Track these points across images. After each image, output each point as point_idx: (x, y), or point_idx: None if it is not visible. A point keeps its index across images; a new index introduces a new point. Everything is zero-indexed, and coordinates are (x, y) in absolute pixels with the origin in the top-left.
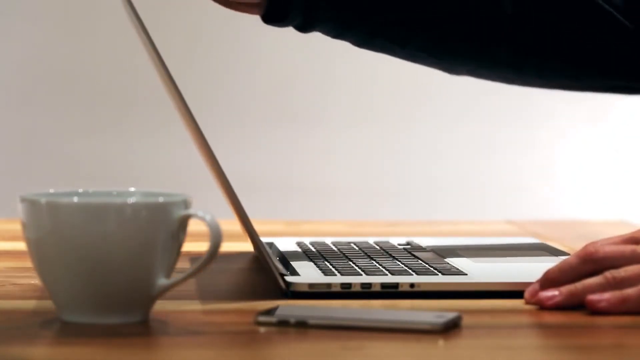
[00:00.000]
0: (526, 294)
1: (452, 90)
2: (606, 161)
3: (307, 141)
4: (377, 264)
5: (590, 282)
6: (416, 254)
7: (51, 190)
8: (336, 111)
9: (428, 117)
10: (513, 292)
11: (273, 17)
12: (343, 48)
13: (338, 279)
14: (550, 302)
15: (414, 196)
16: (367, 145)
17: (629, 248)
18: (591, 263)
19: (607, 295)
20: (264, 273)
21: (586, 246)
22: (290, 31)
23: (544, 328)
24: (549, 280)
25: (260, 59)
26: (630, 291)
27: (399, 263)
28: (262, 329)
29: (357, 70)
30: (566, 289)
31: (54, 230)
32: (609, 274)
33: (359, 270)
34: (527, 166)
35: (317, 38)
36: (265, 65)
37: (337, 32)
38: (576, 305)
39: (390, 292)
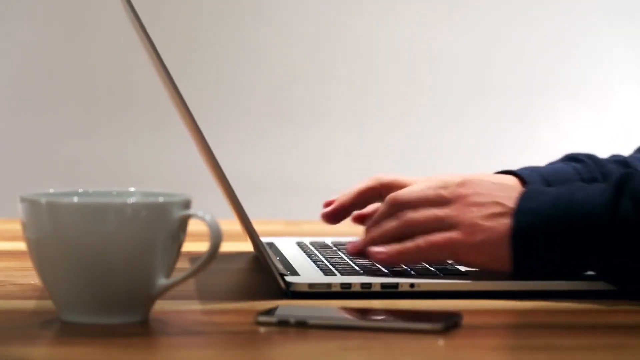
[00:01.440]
0: (348, 246)
1: (452, 89)
2: None
3: (307, 141)
4: (377, 264)
5: (387, 227)
6: None
7: (51, 190)
8: (336, 111)
9: (428, 116)
10: (513, 292)
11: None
12: (343, 48)
13: (338, 279)
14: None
15: None
16: (367, 145)
17: (432, 192)
18: (395, 206)
19: (386, 248)
20: (264, 273)
21: (389, 204)
22: (290, 31)
23: (543, 328)
24: (361, 224)
25: (261, 59)
26: (408, 244)
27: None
28: (262, 329)
29: (358, 70)
30: (368, 237)
31: (54, 230)
32: (404, 215)
33: (359, 270)
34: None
35: (317, 38)
36: (268, 66)
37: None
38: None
39: (390, 292)
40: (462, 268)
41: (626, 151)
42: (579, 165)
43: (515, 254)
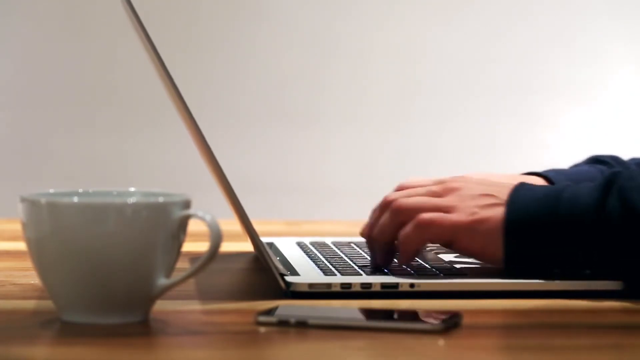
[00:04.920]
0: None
1: (450, 89)
2: None
3: (307, 141)
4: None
5: (382, 221)
6: None
7: (51, 190)
8: (337, 111)
9: (427, 116)
10: (513, 292)
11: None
12: (342, 48)
13: (338, 279)
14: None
15: None
16: (368, 145)
17: (423, 189)
18: (386, 205)
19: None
20: (264, 273)
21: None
22: (290, 31)
23: (543, 328)
24: (364, 236)
25: (261, 59)
26: (407, 227)
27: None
28: (262, 329)
29: (358, 69)
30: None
31: (54, 231)
32: (396, 203)
33: (359, 270)
34: (527, 166)
35: (316, 38)
36: (268, 65)
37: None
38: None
39: (390, 292)
40: (462, 268)
41: (623, 150)
42: (604, 167)
43: (507, 244)
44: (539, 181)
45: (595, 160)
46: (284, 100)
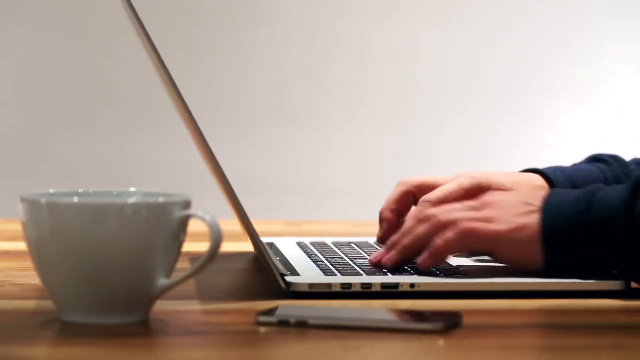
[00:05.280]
0: (371, 258)
1: (449, 89)
2: None
3: (307, 141)
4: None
5: (419, 232)
6: None
7: (51, 190)
8: (337, 111)
9: (427, 116)
10: (513, 292)
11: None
12: (342, 48)
13: (338, 279)
14: (385, 260)
15: None
16: (368, 145)
17: (460, 204)
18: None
19: (426, 251)
20: (264, 273)
21: (422, 208)
22: (290, 32)
23: (543, 328)
24: (383, 240)
25: (261, 59)
26: (448, 233)
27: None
28: (262, 329)
29: (357, 69)
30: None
31: (54, 231)
32: (435, 217)
33: (359, 270)
34: (527, 166)
35: (316, 38)
36: (268, 65)
37: None
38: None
39: (390, 292)
40: (462, 268)
41: (622, 150)
42: (603, 165)
43: (546, 250)
44: (537, 178)
45: (595, 159)
46: (284, 100)
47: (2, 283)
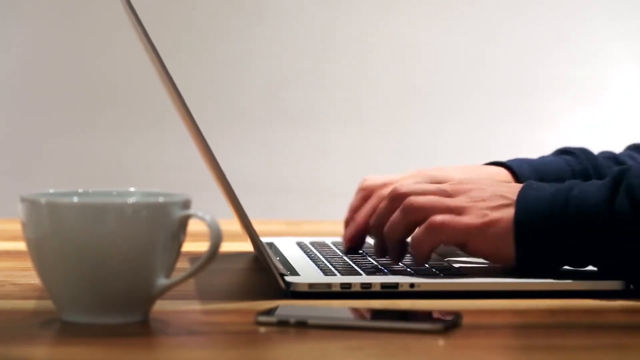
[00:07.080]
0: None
1: (447, 89)
2: None
3: (307, 141)
4: (377, 264)
5: (394, 218)
6: None
7: (51, 190)
8: (337, 111)
9: (425, 116)
10: (513, 292)
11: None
12: (341, 48)
13: (338, 279)
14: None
15: None
16: (368, 145)
17: (434, 187)
18: (397, 199)
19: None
20: (264, 273)
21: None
22: (289, 32)
23: (543, 328)
24: (360, 224)
25: (261, 59)
26: (420, 228)
27: (399, 263)
28: (262, 329)
29: (357, 69)
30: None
31: (54, 230)
32: (409, 202)
33: (359, 270)
34: None
35: (315, 38)
36: (268, 66)
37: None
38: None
39: (390, 292)
40: (462, 268)
41: (620, 149)
42: (570, 157)
43: (518, 245)
44: (502, 172)
45: (563, 152)
46: (284, 100)
47: (2, 283)
